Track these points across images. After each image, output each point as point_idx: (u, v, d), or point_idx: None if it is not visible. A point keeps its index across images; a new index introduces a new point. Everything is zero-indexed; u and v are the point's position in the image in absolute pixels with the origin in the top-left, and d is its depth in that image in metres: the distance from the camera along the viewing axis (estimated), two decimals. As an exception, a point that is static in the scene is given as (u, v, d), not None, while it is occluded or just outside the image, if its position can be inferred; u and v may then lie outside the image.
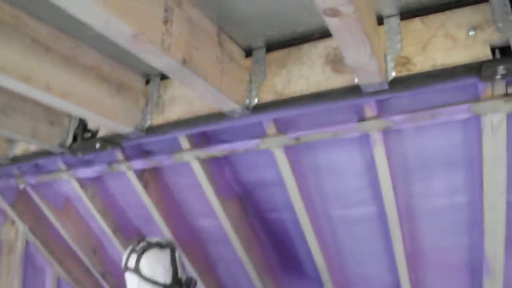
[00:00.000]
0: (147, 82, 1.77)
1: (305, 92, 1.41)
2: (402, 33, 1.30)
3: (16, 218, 2.80)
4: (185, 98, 1.65)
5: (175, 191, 2.39)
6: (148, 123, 1.70)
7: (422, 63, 1.26)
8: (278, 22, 1.37)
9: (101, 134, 1.85)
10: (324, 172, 1.96)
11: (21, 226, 2.81)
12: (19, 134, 1.78)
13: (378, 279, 2.32)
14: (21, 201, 2.79)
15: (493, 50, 1.20)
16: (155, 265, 1.77)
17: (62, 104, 1.41)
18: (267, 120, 1.71)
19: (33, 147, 2.12)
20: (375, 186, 1.88)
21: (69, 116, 1.98)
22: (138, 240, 1.88)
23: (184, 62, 1.15)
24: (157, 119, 1.69)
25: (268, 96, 1.47)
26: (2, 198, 2.72)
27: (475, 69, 1.22)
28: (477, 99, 1.41)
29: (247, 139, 1.81)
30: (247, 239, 2.29)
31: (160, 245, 1.82)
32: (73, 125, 1.97)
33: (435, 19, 1.27)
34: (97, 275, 2.99)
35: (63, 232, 2.73)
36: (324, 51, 1.42)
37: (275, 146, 1.77)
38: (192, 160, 1.98)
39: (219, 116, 1.55)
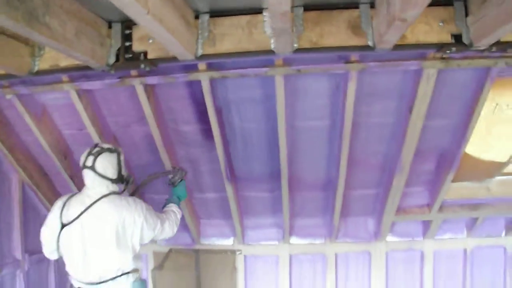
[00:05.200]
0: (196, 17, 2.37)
1: (332, 45, 2.30)
2: (402, 17, 2.25)
3: (-17, 127, 3.07)
4: (234, 36, 2.32)
5: (163, 102, 3.03)
6: (200, 52, 2.35)
7: (411, 38, 2.24)
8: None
9: (150, 56, 2.42)
10: (300, 93, 2.85)
11: (-13, 134, 3.09)
12: (85, 56, 2.24)
13: (316, 173, 3.45)
14: (-12, 111, 3.07)
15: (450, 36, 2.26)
16: (106, 165, 2.50)
17: (170, 40, 2.01)
18: (277, 57, 2.53)
19: (63, 63, 2.53)
20: (334, 106, 2.90)
21: (110, 38, 2.46)
22: (93, 145, 2.59)
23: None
24: (208, 50, 2.35)
25: (305, 44, 2.29)
26: (-29, 108, 2.95)
27: (438, 46, 2.27)
28: (424, 58, 2.49)
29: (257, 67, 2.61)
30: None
31: (110, 150, 2.57)
32: (115, 47, 2.46)
33: (423, 12, 2.24)
34: (64, 178, 3.50)
35: (40, 138, 3.10)
36: (348, 18, 2.27)
37: (279, 73, 2.59)
38: (203, 79, 2.67)
39: (266, 52, 2.32)
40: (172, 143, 3.27)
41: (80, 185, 3.54)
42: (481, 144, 3.03)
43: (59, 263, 3.73)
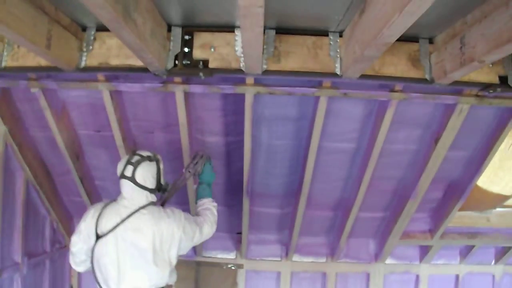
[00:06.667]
0: (261, 32, 2.45)
1: (392, 75, 2.47)
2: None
3: (-3, 119, 2.92)
4: (299, 55, 2.42)
5: (194, 111, 3.05)
6: (265, 67, 2.43)
7: (464, 77, 2.47)
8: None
9: (211, 65, 2.46)
10: (332, 115, 2.97)
11: (1, 128, 2.93)
12: (154, 58, 2.25)
13: (330, 194, 3.61)
14: (4, 102, 2.94)
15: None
16: (146, 174, 2.43)
17: (256, 51, 2.09)
18: (326, 80, 2.67)
19: (114, 61, 2.50)
20: (362, 130, 3.08)
21: (169, 42, 2.48)
22: (131, 152, 2.54)
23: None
24: (272, 66, 2.43)
25: (368, 71, 2.43)
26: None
27: (484, 86, 2.51)
28: (460, 94, 2.73)
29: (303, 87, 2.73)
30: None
31: (150, 158, 2.49)
32: (173, 52, 2.47)
33: (478, 53, 2.49)
34: (67, 179, 3.42)
35: (57, 136, 3.01)
36: (407, 51, 2.46)
37: (324, 95, 2.73)
38: (249, 93, 2.74)
39: (328, 74, 2.45)
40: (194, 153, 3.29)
41: (88, 187, 3.51)
42: (492, 177, 3.33)
43: (54, 268, 3.63)
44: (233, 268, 4.01)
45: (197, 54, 2.47)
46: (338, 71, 2.44)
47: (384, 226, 3.83)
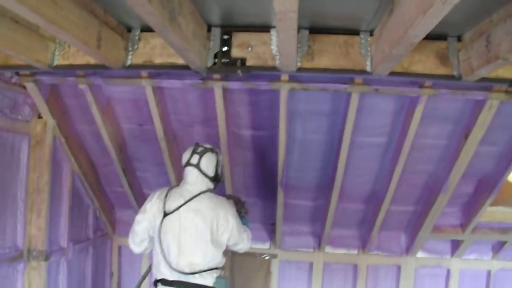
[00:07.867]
0: (296, 31, 2.68)
1: (421, 72, 2.66)
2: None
3: (47, 114, 3.26)
4: (331, 53, 2.64)
5: (231, 106, 3.30)
6: (299, 65, 2.65)
7: (492, 74, 2.63)
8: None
9: (248, 63, 2.70)
10: (365, 110, 3.17)
11: (50, 121, 3.27)
12: (196, 57, 2.52)
13: (362, 187, 3.82)
14: (53, 98, 3.26)
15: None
16: (209, 163, 2.80)
17: (291, 51, 2.31)
18: (358, 76, 2.88)
19: (158, 60, 2.78)
20: (394, 125, 3.27)
21: (209, 41, 2.74)
22: (195, 144, 2.86)
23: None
24: (306, 64, 2.65)
25: (397, 68, 2.62)
26: (40, 93, 3.14)
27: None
28: (490, 90, 2.89)
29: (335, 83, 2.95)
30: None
31: (212, 150, 2.85)
32: (213, 51, 2.72)
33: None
34: (108, 170, 3.76)
35: (102, 129, 3.33)
36: (436, 48, 2.64)
37: (356, 91, 2.95)
38: (284, 89, 2.97)
39: (359, 72, 2.66)
40: (231, 146, 3.55)
41: (130, 178, 3.81)
42: (523, 172, 3.47)
43: (97, 254, 3.97)
44: (267, 258, 4.28)
45: (235, 52, 2.72)
46: (368, 69, 2.63)
47: (415, 219, 4.01)
